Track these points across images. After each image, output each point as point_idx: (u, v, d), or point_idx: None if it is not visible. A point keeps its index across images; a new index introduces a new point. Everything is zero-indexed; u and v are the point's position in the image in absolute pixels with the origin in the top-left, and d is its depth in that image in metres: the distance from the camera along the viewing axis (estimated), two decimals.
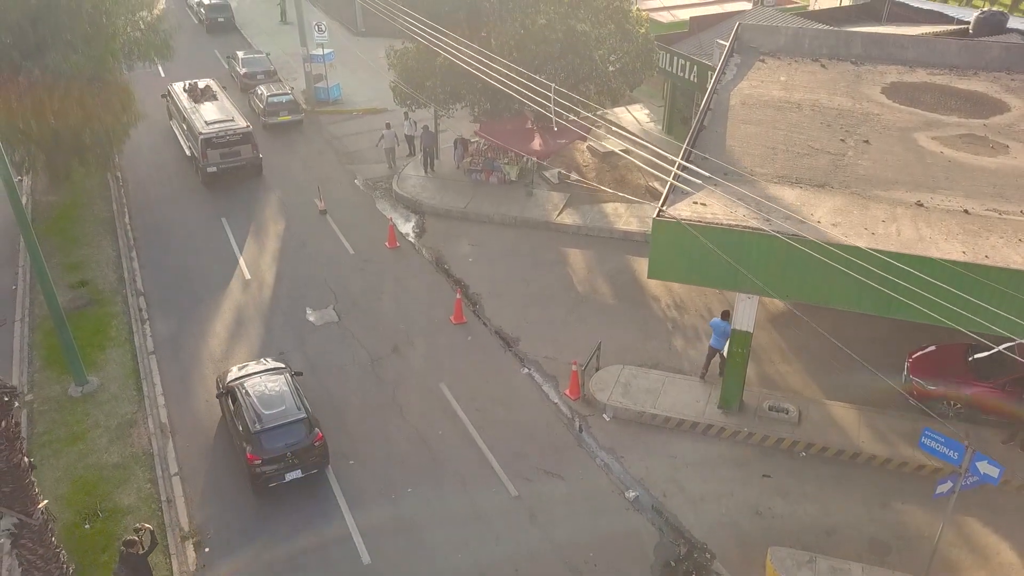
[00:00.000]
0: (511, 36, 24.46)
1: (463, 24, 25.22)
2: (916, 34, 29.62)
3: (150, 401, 18.42)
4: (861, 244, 12.71)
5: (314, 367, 19.73)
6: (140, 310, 21.84)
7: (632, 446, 17.42)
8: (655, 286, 22.45)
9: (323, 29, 34.16)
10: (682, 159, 15.28)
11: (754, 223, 13.27)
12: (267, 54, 39.50)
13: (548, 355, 20.25)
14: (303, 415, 16.05)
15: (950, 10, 32.35)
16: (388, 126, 29.38)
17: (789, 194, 14.83)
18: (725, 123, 17.65)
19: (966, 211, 14.20)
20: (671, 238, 13.56)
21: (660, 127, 31.87)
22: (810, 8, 49.01)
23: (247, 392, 16.43)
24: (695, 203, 14.10)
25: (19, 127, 21.81)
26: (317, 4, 50.46)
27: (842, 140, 16.93)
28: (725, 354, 17.69)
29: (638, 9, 26.95)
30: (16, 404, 9.60)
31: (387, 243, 25.24)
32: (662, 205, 13.83)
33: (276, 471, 15.65)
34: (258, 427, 15.69)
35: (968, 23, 29.90)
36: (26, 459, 10.23)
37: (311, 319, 21.63)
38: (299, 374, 17.94)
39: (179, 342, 20.66)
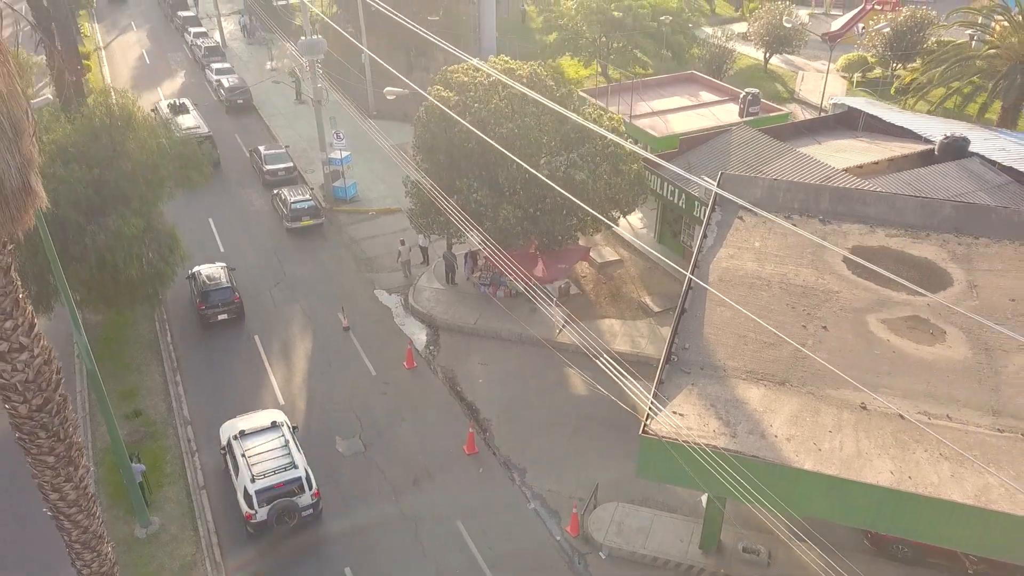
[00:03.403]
0: (516, 180, 27.27)
1: (476, 162, 28.03)
2: (885, 157, 32.52)
3: (205, 541, 21.23)
4: (808, 465, 15.57)
5: (347, 501, 22.55)
6: (189, 440, 24.64)
7: None
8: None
9: (341, 137, 36.90)
10: (664, 362, 18.14)
11: (722, 439, 16.10)
12: (286, 148, 42.29)
13: (551, 488, 23.07)
14: (230, 285, 29.80)
15: (919, 124, 35.09)
16: (403, 242, 32.23)
17: (754, 395, 17.66)
18: (704, 306, 20.47)
19: (901, 416, 17.02)
20: (654, 451, 16.41)
21: (652, 234, 34.70)
22: (796, 91, 51.98)
23: (202, 275, 30.12)
24: (674, 412, 16.92)
25: (81, 278, 24.54)
26: (327, 77, 53.05)
27: (803, 327, 19.76)
28: None
29: (631, 142, 29.69)
30: None
31: (405, 363, 28.05)
32: (646, 421, 16.66)
33: (213, 313, 29.43)
34: (204, 288, 29.45)
35: (934, 143, 32.74)
36: None
37: (340, 449, 24.42)
38: (233, 269, 31.39)
39: (227, 475, 23.39)
